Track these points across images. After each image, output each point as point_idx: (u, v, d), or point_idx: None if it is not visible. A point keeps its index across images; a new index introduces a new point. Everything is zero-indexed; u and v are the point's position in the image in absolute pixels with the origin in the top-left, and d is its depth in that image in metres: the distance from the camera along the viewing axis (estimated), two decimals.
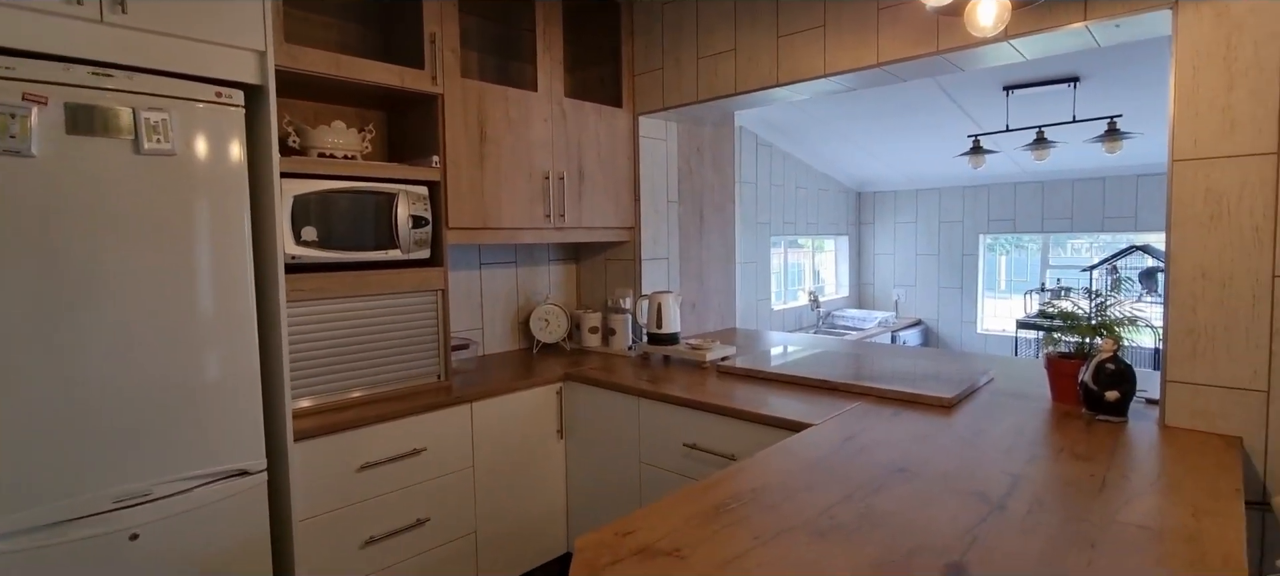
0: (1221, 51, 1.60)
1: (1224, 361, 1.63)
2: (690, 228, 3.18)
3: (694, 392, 2.11)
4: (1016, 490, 1.29)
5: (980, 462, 1.44)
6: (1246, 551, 1.08)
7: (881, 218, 6.19)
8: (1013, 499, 1.25)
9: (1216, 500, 1.24)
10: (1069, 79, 3.34)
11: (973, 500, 1.25)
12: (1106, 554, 1.04)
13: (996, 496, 1.26)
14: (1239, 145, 1.59)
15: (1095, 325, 1.83)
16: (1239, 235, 1.60)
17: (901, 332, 5.52)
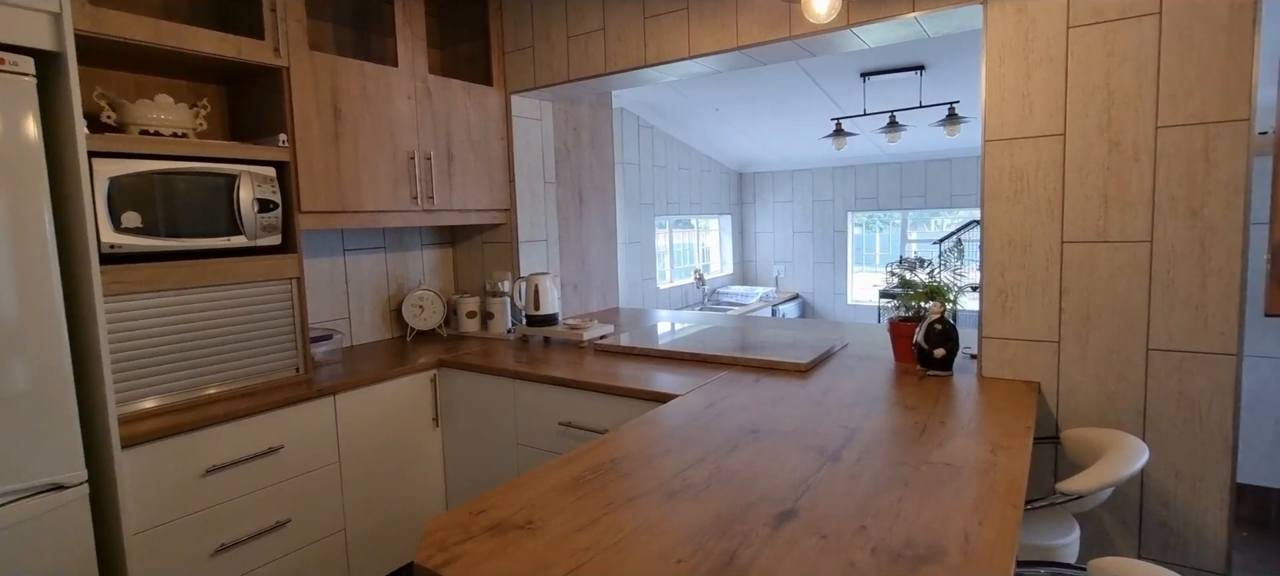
0: (1021, 45, 1.81)
1: (1026, 317, 1.86)
2: (569, 209, 3.18)
3: (570, 372, 2.13)
4: (851, 441, 1.42)
5: (824, 419, 1.57)
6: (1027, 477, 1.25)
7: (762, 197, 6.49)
8: (847, 449, 1.37)
9: (1011, 437, 1.43)
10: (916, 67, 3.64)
11: (813, 453, 1.36)
12: (916, 490, 1.17)
13: (833, 448, 1.38)
14: (1035, 127, 1.81)
15: (925, 291, 2.03)
16: (1036, 206, 1.82)
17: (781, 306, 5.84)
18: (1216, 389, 1.65)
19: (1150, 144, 1.67)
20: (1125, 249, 1.72)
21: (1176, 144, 1.65)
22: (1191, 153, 1.63)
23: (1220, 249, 1.62)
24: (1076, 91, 1.74)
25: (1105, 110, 1.71)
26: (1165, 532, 1.75)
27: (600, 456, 1.36)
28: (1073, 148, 1.76)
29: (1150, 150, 1.67)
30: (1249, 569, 2.42)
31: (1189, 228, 1.65)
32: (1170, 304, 1.68)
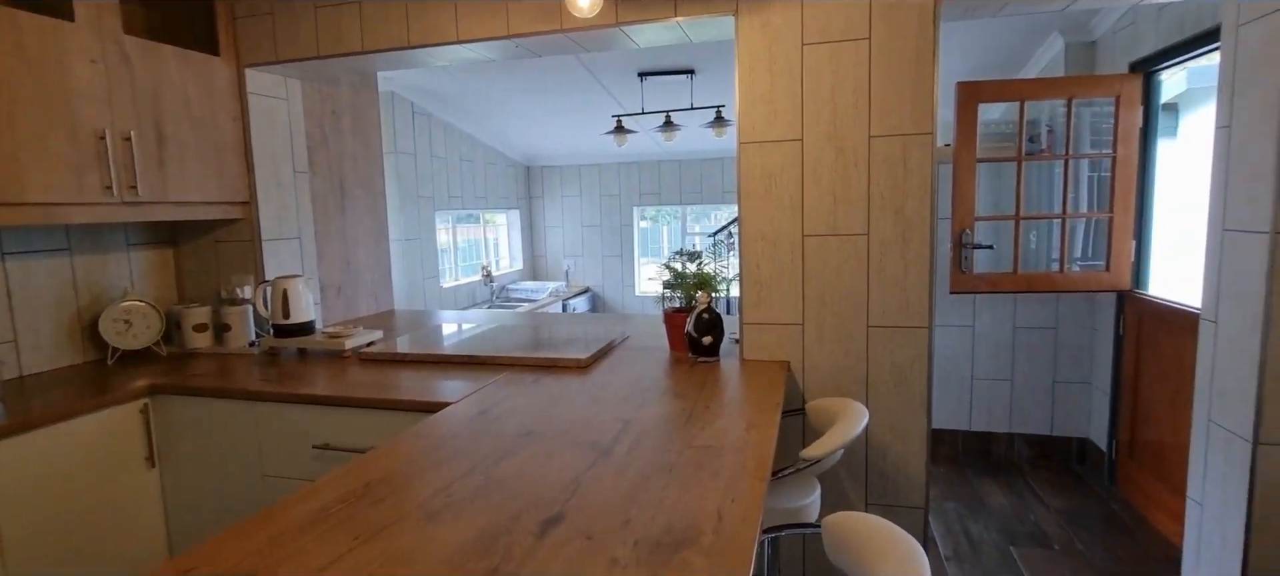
0: (767, 57, 1.99)
1: (777, 304, 2.07)
2: (329, 202, 2.84)
3: (329, 387, 1.89)
4: (624, 434, 1.44)
5: (600, 415, 1.57)
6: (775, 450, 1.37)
7: (550, 191, 6.50)
8: (619, 443, 1.38)
9: (762, 414, 1.57)
10: (687, 71, 3.90)
11: (586, 450, 1.35)
12: (680, 475, 1.21)
13: (606, 443, 1.38)
14: (780, 132, 2.00)
15: (695, 282, 2.15)
16: (783, 204, 2.03)
17: (572, 301, 5.90)
18: (916, 356, 1.99)
19: (866, 151, 1.95)
20: (850, 241, 1.99)
21: (884, 152, 1.94)
22: (894, 160, 1.93)
23: (916, 240, 1.95)
24: (811, 102, 1.97)
25: (833, 120, 1.96)
26: (883, 480, 2.07)
27: (354, 481, 1.21)
28: (809, 152, 1.99)
29: (866, 156, 1.95)
30: (941, 497, 2.98)
31: (894, 223, 1.95)
32: (883, 287, 1.98)
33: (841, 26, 1.92)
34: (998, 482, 3.12)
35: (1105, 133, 2.96)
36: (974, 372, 3.34)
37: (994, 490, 3.05)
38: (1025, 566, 2.43)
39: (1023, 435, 3.35)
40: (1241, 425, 1.84)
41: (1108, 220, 2.93)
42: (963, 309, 3.31)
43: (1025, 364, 3.29)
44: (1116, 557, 2.46)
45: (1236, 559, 1.86)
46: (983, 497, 2.98)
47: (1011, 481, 3.13)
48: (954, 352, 3.35)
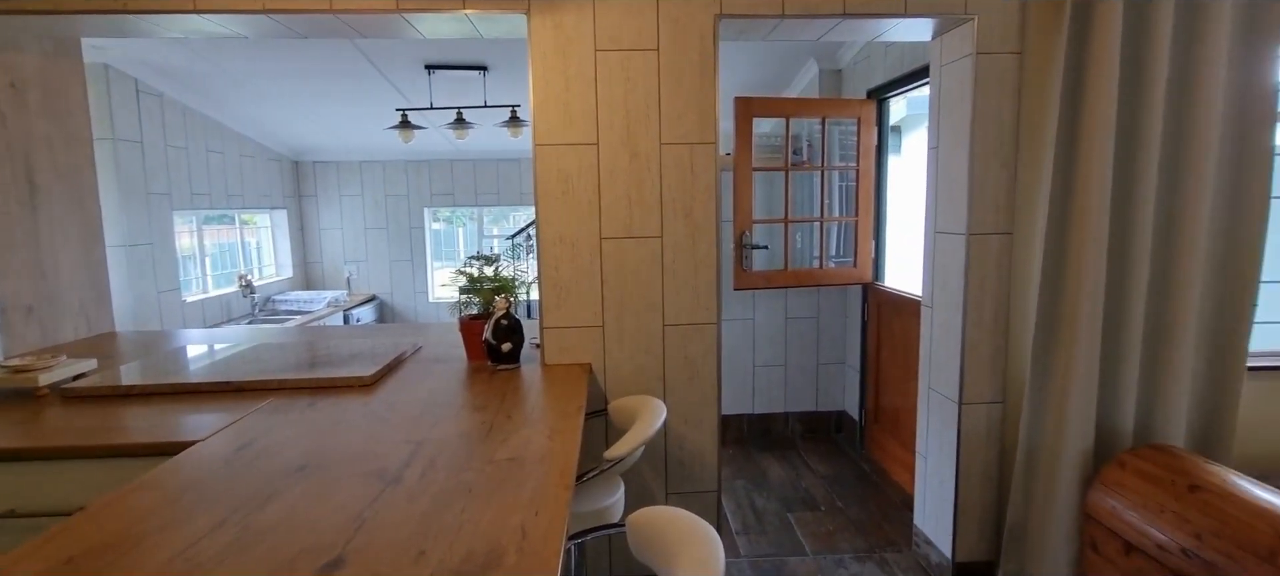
0: (561, 59, 1.97)
1: (578, 307, 2.06)
2: (10, 200, 2.23)
3: (13, 437, 1.47)
4: (416, 457, 1.32)
5: (388, 437, 1.43)
6: (578, 455, 1.36)
7: (325, 190, 5.84)
8: (410, 467, 1.26)
9: (566, 419, 1.55)
10: (479, 67, 3.75)
11: (372, 480, 1.21)
12: (480, 494, 1.14)
13: (396, 468, 1.26)
14: (576, 135, 2.00)
15: (493, 288, 2.07)
16: (580, 207, 2.03)
17: (355, 310, 5.37)
18: (706, 350, 2.12)
19: (658, 156, 2.03)
20: (645, 243, 2.06)
21: (674, 158, 2.04)
22: (683, 166, 2.04)
23: (704, 242, 2.07)
24: (605, 107, 2.00)
25: (627, 126, 2.01)
26: (682, 469, 2.18)
27: (51, 557, 0.94)
28: (605, 156, 2.02)
29: (658, 162, 2.03)
30: (731, 476, 3.25)
31: (685, 225, 2.06)
32: (676, 287, 2.08)
33: (632, 36, 1.97)
34: (776, 457, 3.48)
35: (851, 148, 3.45)
36: (755, 361, 3.69)
37: (774, 464, 3.39)
38: (799, 528, 2.73)
39: (796, 413, 3.78)
40: (951, 389, 2.25)
41: (854, 223, 3.42)
42: (744, 304, 3.64)
43: (796, 350, 3.72)
44: (867, 509, 2.88)
45: (950, 496, 2.28)
46: (765, 472, 3.30)
47: (787, 455, 3.51)
48: (738, 344, 3.67)
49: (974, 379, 2.19)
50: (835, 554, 2.54)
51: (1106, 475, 1.92)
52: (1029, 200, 2.13)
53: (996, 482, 2.25)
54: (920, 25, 2.17)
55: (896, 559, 2.50)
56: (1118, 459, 1.94)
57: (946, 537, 2.30)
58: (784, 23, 2.05)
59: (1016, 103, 2.09)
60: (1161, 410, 2.09)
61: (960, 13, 2.05)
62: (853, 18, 2.03)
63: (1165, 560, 1.69)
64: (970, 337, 2.18)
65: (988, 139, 2.09)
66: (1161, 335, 2.07)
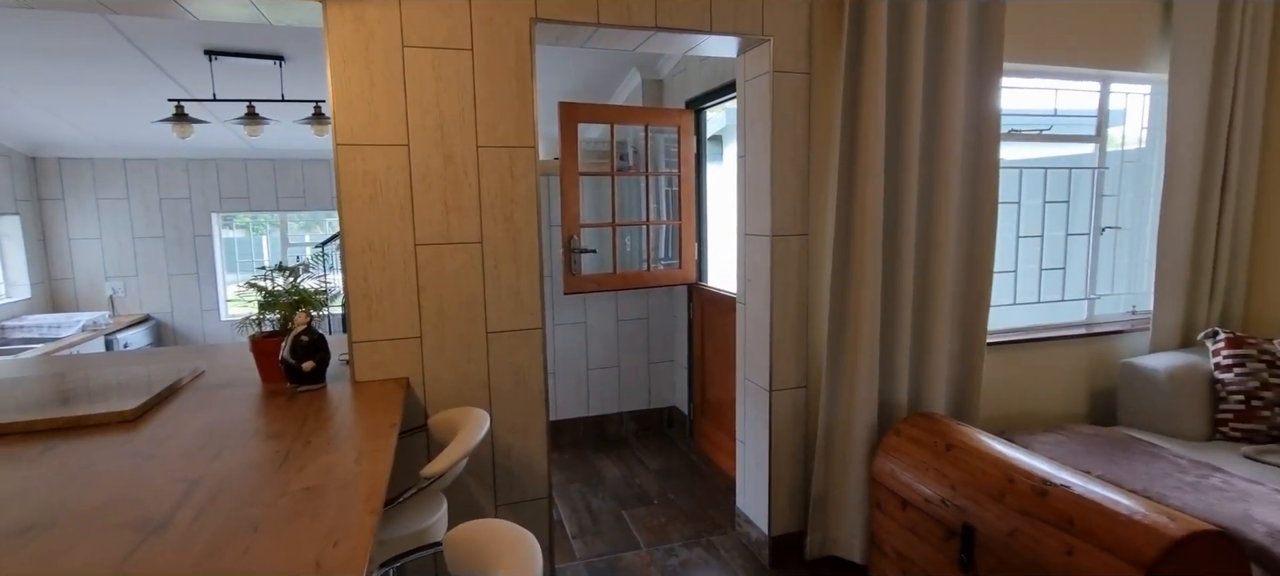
0: (363, 53, 1.84)
1: (391, 318, 1.94)
2: None
3: None
4: (189, 498, 1.14)
5: (154, 479, 1.23)
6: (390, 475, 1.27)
7: (77, 192, 4.87)
8: (181, 510, 1.10)
9: (376, 439, 1.44)
10: (274, 56, 3.38)
11: (127, 532, 1.03)
12: (268, 531, 1.02)
13: (162, 515, 1.08)
14: (383, 136, 1.88)
15: (290, 302, 1.87)
16: (391, 212, 1.90)
17: (122, 335, 4.55)
18: (532, 356, 2.10)
19: (474, 160, 1.97)
20: (464, 249, 1.98)
21: (493, 162, 1.99)
22: (502, 170, 2.00)
23: (526, 246, 2.05)
24: (416, 107, 1.90)
25: (439, 127, 1.92)
26: (510, 478, 2.14)
27: None
28: (417, 158, 1.91)
29: (475, 165, 1.97)
30: (567, 481, 3.25)
31: (506, 230, 2.02)
32: (499, 293, 2.03)
33: (444, 34, 1.90)
34: (611, 457, 3.54)
35: (674, 155, 3.62)
36: (589, 364, 3.73)
37: (609, 465, 3.45)
38: (633, 524, 2.81)
39: (629, 412, 3.87)
40: (762, 378, 2.44)
41: (678, 226, 3.59)
42: (576, 307, 3.66)
43: (628, 351, 3.82)
44: (695, 498, 3.04)
45: (765, 477, 2.47)
46: (601, 473, 3.35)
47: (622, 454, 3.59)
48: (571, 348, 3.68)
49: (781, 367, 2.40)
50: (666, 544, 2.65)
51: (886, 443, 2.21)
52: (821, 205, 2.38)
53: (803, 460, 2.48)
54: (726, 43, 2.33)
55: (721, 540, 2.67)
56: (894, 428, 2.23)
57: (764, 515, 2.49)
58: (600, 31, 2.09)
59: (808, 118, 2.32)
60: (927, 384, 2.45)
61: (758, 34, 2.24)
62: (664, 31, 2.13)
63: (930, 510, 1.98)
64: (777, 330, 2.38)
65: (786, 149, 2.31)
66: (925, 321, 2.43)
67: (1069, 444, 2.40)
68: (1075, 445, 2.38)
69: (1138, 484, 2.05)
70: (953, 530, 1.90)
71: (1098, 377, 2.91)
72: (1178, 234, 2.80)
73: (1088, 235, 3.03)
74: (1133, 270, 3.12)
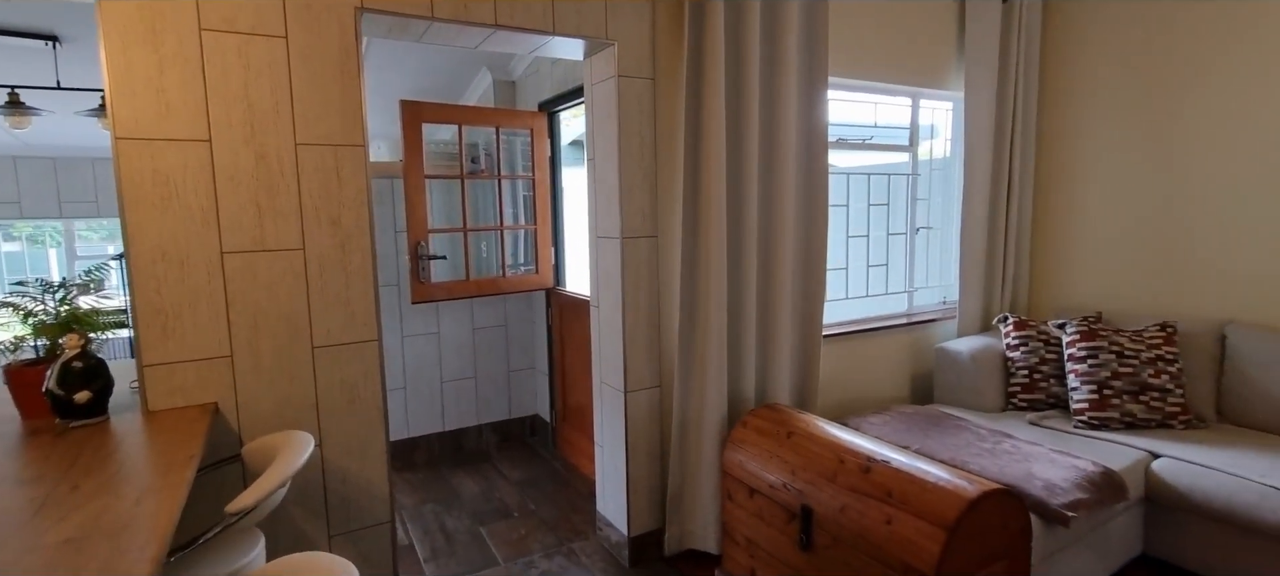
0: (149, 35, 1.61)
1: (193, 336, 1.71)
2: None
3: None
4: None
5: None
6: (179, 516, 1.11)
7: None
8: None
9: (167, 475, 1.25)
10: (46, 36, 2.87)
11: None
12: None
13: None
14: (178, 130, 1.65)
15: (58, 323, 1.59)
16: (190, 216, 1.68)
17: None
18: (367, 371, 1.95)
19: (293, 159, 1.79)
20: (283, 257, 1.80)
21: (314, 161, 1.82)
22: (326, 170, 1.84)
23: (356, 253, 1.90)
24: (218, 98, 1.69)
25: (249, 122, 1.73)
26: (346, 505, 1.96)
27: None
28: (221, 155, 1.70)
29: (293, 164, 1.79)
30: (419, 502, 3.06)
31: (332, 235, 1.86)
32: (325, 304, 1.87)
33: (251, 20, 1.71)
34: (470, 473, 3.40)
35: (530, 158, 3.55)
36: (443, 376, 3.55)
37: (466, 481, 3.30)
38: (491, 540, 2.70)
39: (489, 424, 3.74)
40: (617, 380, 2.45)
41: (534, 231, 3.53)
42: (427, 317, 3.47)
43: (485, 360, 3.68)
44: (558, 506, 2.99)
45: (623, 478, 2.48)
46: (457, 490, 3.19)
47: (481, 468, 3.46)
48: (422, 360, 3.49)
49: (635, 368, 2.42)
50: (526, 556, 2.57)
51: (734, 435, 2.30)
52: (669, 207, 2.44)
53: (660, 458, 2.52)
54: (572, 45, 2.32)
55: (582, 546, 2.64)
56: (741, 420, 2.33)
57: (623, 516, 2.50)
58: (436, 26, 1.99)
59: (654, 122, 2.37)
60: (773, 376, 2.59)
61: (602, 38, 2.24)
62: (505, 30, 2.07)
63: (775, 496, 2.08)
64: (630, 332, 2.40)
65: (633, 152, 2.34)
66: (768, 317, 2.56)
67: (893, 423, 2.64)
68: (899, 424, 2.63)
69: (947, 453, 2.29)
70: (794, 512, 2.01)
71: (918, 362, 3.24)
72: (975, 232, 3.19)
73: (905, 235, 3.37)
74: (943, 265, 3.51)
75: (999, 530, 1.70)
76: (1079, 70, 3.19)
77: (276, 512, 1.82)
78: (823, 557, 1.91)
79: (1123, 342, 2.65)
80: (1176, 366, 2.59)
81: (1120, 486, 2.15)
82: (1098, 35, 3.10)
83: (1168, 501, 2.27)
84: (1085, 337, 2.69)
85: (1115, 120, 3.07)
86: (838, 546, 1.86)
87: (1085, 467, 2.15)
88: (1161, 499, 2.28)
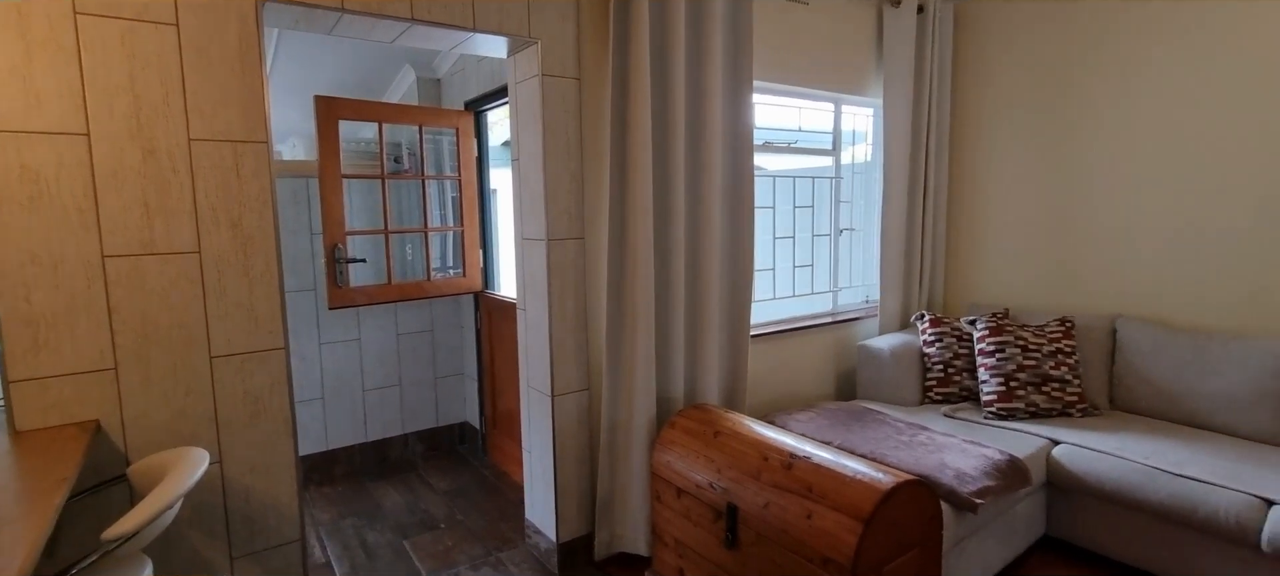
0: (14, 18, 1.47)
1: (70, 347, 1.56)
2: None
3: None
4: None
5: None
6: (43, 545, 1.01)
7: None
8: None
9: (31, 502, 1.14)
10: None
11: None
12: None
13: None
14: (49, 122, 1.51)
15: None
16: (65, 216, 1.54)
17: None
18: (273, 381, 1.84)
19: (186, 155, 1.67)
20: (176, 260, 1.67)
21: (210, 157, 1.70)
22: (225, 167, 1.72)
23: (260, 256, 1.79)
24: (98, 89, 1.56)
25: (135, 115, 1.60)
26: (250, 525, 1.85)
27: None
28: (102, 151, 1.57)
29: (186, 161, 1.67)
30: (338, 516, 2.93)
31: (232, 237, 1.74)
32: (225, 310, 1.75)
33: (135, 5, 1.58)
34: (394, 484, 3.27)
35: (457, 158, 3.46)
36: (365, 384, 3.41)
37: (390, 492, 3.18)
38: (415, 553, 2.61)
39: (415, 432, 3.61)
40: (544, 384, 2.41)
41: (461, 233, 3.43)
42: (347, 323, 3.32)
43: (411, 366, 3.56)
44: (486, 515, 2.92)
45: (551, 484, 2.44)
46: (380, 503, 3.07)
47: (406, 478, 3.33)
48: (342, 368, 3.34)
49: (562, 371, 2.39)
50: (451, 568, 2.49)
51: (663, 436, 2.30)
52: (596, 209, 2.42)
53: (589, 462, 2.49)
54: (495, 42, 2.27)
55: (510, 555, 2.58)
56: (670, 421, 2.33)
57: (551, 522, 2.46)
58: (347, 18, 1.91)
59: (579, 122, 2.34)
60: (702, 376, 2.60)
61: (525, 35, 2.20)
62: (423, 24, 2.00)
63: (702, 495, 2.09)
64: (556, 335, 2.36)
65: (558, 153, 2.30)
66: (697, 317, 2.58)
67: (818, 419, 2.70)
68: (823, 420, 2.69)
69: (867, 447, 2.37)
70: (720, 511, 2.02)
71: (843, 359, 3.34)
72: (895, 233, 3.31)
73: (830, 236, 3.47)
74: (866, 265, 3.64)
75: (912, 519, 1.76)
76: (988, 80, 3.37)
77: (169, 536, 1.69)
78: (748, 554, 1.93)
79: (1027, 337, 2.81)
80: (1074, 359, 2.77)
81: (1024, 472, 2.27)
82: (1004, 46, 3.29)
83: (1066, 485, 2.42)
84: (993, 333, 2.84)
85: (1020, 127, 3.26)
86: (762, 543, 1.88)
87: (993, 456, 2.26)
88: (1061, 483, 2.43)
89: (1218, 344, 2.54)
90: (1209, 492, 2.07)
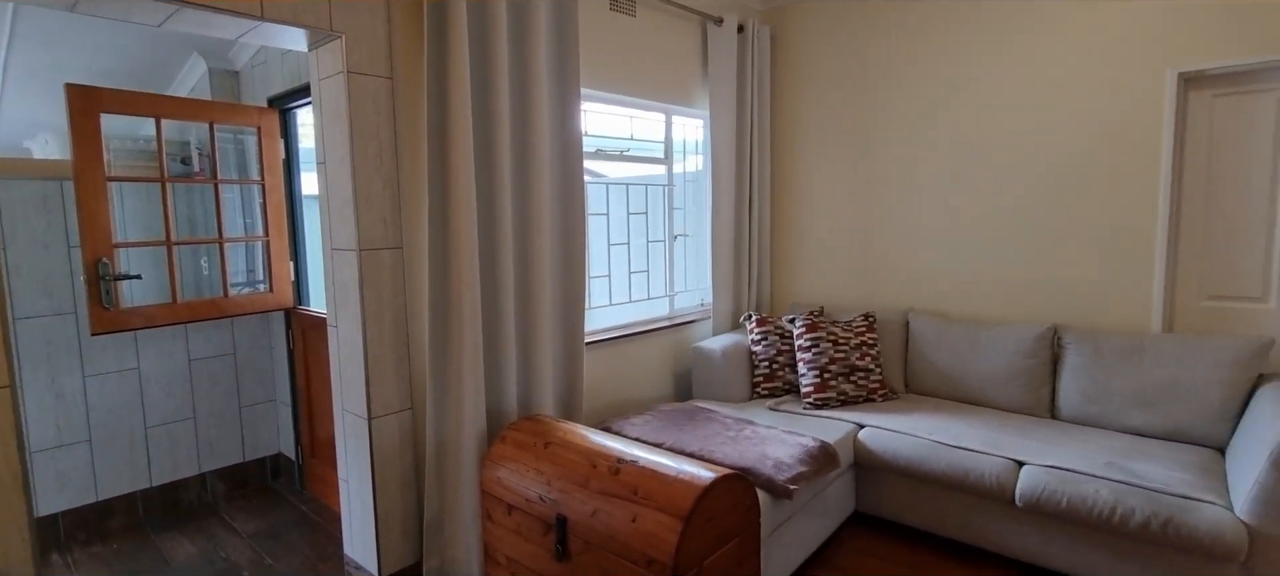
0: None
1: None
2: None
3: None
4: None
5: None
6: None
7: None
8: None
9: None
10: None
11: None
12: None
13: None
14: None
15: None
16: None
17: None
18: None
19: None
20: None
21: None
22: None
23: None
24: None
25: None
26: None
27: None
28: None
29: None
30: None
31: None
32: None
33: None
34: (188, 533, 2.85)
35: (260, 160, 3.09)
36: (147, 421, 2.94)
37: (182, 543, 2.76)
38: None
39: (216, 471, 3.18)
40: (360, 406, 2.22)
41: (266, 243, 3.08)
42: (121, 351, 2.84)
43: (208, 396, 3.13)
44: (301, 556, 2.63)
45: (370, 514, 2.25)
46: (168, 557, 2.65)
47: (205, 524, 2.92)
48: (117, 404, 2.85)
49: (380, 391, 2.21)
50: None
51: (492, 452, 2.21)
52: (414, 216, 2.27)
53: (415, 487, 2.33)
54: (291, 34, 2.05)
55: None
56: (500, 435, 2.25)
57: (372, 556, 2.27)
58: None
59: (393, 125, 2.19)
60: (536, 387, 2.54)
61: (327, 29, 2.02)
62: (195, 8, 1.76)
63: (532, 509, 2.03)
64: (373, 352, 2.19)
65: (369, 157, 2.13)
66: (529, 326, 2.52)
67: (654, 421, 2.75)
68: (658, 421, 2.75)
69: (696, 445, 2.44)
70: (549, 523, 1.98)
71: (679, 361, 3.45)
72: (724, 238, 3.49)
73: (664, 242, 3.57)
74: (699, 270, 3.79)
75: (730, 511, 1.84)
76: (801, 95, 3.66)
77: None
78: (577, 564, 1.90)
79: (837, 332, 3.07)
80: (877, 349, 3.08)
81: (834, 456, 2.47)
82: (813, 66, 3.59)
83: (870, 464, 2.67)
84: (810, 330, 3.07)
85: (829, 140, 3.58)
86: (590, 551, 1.87)
87: (807, 443, 2.44)
88: (866, 462, 2.68)
89: (985, 330, 2.95)
90: (976, 460, 2.39)
